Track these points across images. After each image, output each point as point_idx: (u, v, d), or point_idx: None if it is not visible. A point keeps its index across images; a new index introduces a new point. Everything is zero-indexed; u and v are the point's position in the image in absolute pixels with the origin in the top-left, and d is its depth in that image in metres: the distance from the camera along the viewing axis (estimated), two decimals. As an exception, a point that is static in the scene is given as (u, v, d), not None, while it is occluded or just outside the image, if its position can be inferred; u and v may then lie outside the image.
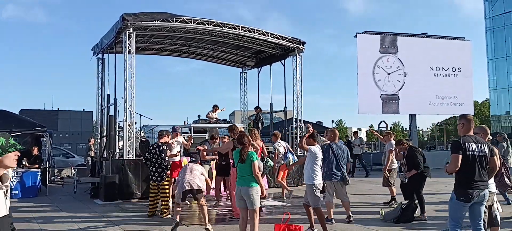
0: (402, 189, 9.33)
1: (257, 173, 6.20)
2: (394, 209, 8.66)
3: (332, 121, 69.30)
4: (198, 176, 7.85)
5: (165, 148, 9.29)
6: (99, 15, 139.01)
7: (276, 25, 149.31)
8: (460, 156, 4.91)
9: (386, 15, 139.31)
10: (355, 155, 18.05)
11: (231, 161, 9.08)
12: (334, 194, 8.49)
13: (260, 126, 15.38)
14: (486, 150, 5.00)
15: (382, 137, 11.75)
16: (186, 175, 7.83)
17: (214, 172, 11.08)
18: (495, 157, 5.21)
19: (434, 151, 27.63)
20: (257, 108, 16.23)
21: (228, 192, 10.45)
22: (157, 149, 9.22)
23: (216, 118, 15.32)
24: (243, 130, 10.82)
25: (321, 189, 7.38)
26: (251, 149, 6.59)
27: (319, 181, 7.29)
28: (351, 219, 8.29)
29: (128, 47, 12.27)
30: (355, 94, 21.46)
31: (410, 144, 9.25)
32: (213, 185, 10.47)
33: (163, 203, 9.10)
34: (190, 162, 8.60)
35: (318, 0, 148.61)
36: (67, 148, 27.82)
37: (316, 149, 7.40)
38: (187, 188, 7.64)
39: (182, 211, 8.37)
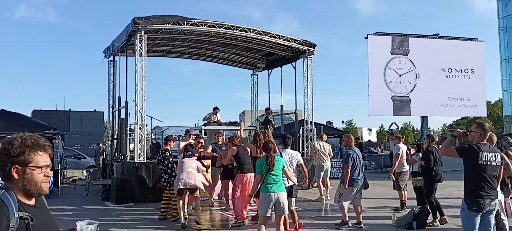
0: (416, 193, 9.28)
1: (290, 175, 6.45)
2: (406, 215, 8.57)
3: (342, 121, 69.33)
4: (192, 173, 8.43)
5: (168, 154, 9.37)
6: (110, 15, 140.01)
7: (285, 25, 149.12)
8: (457, 156, 4.94)
9: (396, 15, 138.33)
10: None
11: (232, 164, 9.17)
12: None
13: (269, 127, 15.27)
14: (499, 159, 4.92)
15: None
16: (181, 173, 8.46)
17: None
18: (502, 166, 5.13)
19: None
20: (268, 109, 16.20)
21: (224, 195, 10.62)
22: (161, 155, 9.40)
23: (219, 120, 15.31)
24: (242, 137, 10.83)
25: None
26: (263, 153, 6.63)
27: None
28: (362, 225, 8.23)
29: (140, 50, 12.33)
30: (365, 94, 21.36)
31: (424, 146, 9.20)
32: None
33: (173, 207, 9.13)
34: (185, 156, 8.77)
35: (327, 0, 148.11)
36: (79, 148, 28.08)
37: (292, 153, 7.41)
38: (181, 186, 8.36)
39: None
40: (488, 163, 4.79)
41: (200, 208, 8.76)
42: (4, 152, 1.98)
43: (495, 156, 4.86)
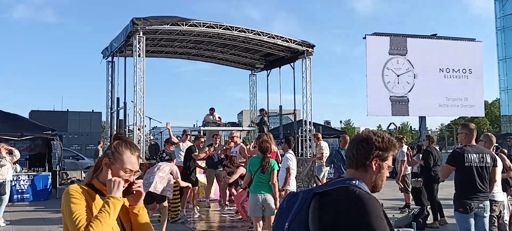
0: (413, 195, 9.27)
1: (275, 181, 6.27)
2: (406, 216, 8.58)
3: (340, 121, 69.36)
4: (164, 179, 7.64)
5: (164, 155, 9.40)
6: (108, 15, 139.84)
7: (284, 25, 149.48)
8: (453, 168, 4.91)
9: (394, 15, 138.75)
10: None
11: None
12: None
13: (265, 129, 15.17)
14: (488, 160, 4.89)
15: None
16: (151, 177, 7.69)
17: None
18: (497, 167, 5.12)
19: (443, 153, 27.40)
20: (262, 110, 16.15)
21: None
22: (159, 156, 9.56)
23: (219, 118, 15.22)
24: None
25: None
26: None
27: (291, 187, 7.24)
28: None
29: (138, 51, 12.31)
30: (363, 94, 21.38)
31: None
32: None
33: (172, 209, 9.12)
34: (162, 159, 8.35)
35: (325, 0, 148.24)
36: (77, 149, 27.99)
37: (288, 155, 7.36)
38: (147, 190, 7.42)
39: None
40: (475, 164, 4.79)
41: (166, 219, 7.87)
42: (375, 143, 2.04)
43: (482, 157, 4.84)
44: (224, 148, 10.65)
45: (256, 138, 10.08)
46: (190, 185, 8.99)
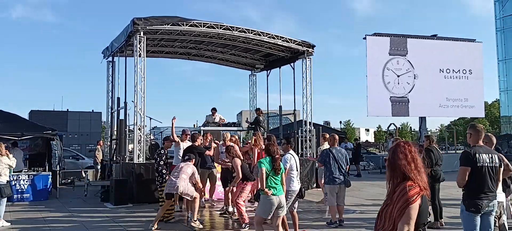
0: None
1: (284, 182, 6.52)
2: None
3: (340, 122, 69.27)
4: (185, 180, 8.22)
5: (162, 152, 9.78)
6: (107, 16, 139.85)
7: (282, 26, 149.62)
8: (469, 169, 4.88)
9: (393, 15, 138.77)
10: None
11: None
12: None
13: (259, 128, 15.01)
14: (497, 160, 4.98)
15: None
16: (175, 178, 8.27)
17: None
18: (501, 167, 5.17)
19: (443, 153, 27.40)
20: (258, 110, 16.10)
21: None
22: (157, 155, 9.83)
23: (221, 119, 15.18)
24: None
25: (295, 196, 7.28)
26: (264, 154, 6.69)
27: (293, 187, 7.20)
28: (343, 223, 8.40)
29: (139, 51, 12.32)
30: (363, 95, 21.37)
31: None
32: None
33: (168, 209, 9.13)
34: (183, 160, 8.85)
35: (324, 0, 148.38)
36: (76, 148, 27.96)
37: (287, 156, 7.33)
38: (172, 191, 8.24)
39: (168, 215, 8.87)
40: (485, 164, 4.86)
41: (196, 210, 8.44)
42: None
43: (491, 157, 4.92)
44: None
45: (264, 138, 10.21)
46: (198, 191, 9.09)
